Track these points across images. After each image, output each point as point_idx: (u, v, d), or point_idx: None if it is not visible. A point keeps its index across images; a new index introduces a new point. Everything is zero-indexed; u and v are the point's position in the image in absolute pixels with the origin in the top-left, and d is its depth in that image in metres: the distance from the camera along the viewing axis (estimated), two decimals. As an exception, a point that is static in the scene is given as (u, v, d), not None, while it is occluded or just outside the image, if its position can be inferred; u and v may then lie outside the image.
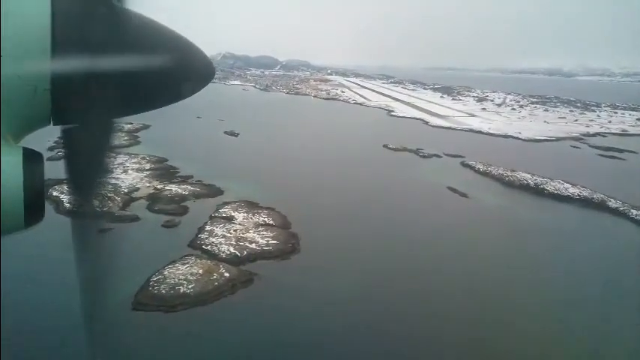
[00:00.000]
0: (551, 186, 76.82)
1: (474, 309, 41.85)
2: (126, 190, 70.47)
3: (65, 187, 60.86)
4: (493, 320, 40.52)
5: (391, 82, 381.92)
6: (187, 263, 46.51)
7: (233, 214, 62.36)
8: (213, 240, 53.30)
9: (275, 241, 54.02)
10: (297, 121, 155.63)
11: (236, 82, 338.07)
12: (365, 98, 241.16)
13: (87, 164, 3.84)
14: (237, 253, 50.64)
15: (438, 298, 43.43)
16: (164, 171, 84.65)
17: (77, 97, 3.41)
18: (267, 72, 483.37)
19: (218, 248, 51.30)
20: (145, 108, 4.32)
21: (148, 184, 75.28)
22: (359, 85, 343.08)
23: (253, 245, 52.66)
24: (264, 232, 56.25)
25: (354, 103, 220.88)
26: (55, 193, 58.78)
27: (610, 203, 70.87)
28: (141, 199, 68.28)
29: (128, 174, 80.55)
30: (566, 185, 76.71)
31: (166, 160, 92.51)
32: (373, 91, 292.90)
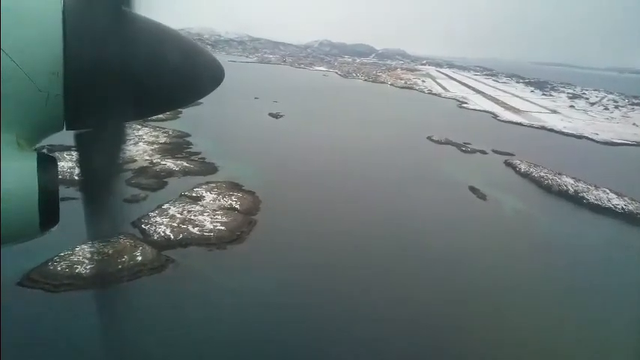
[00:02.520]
0: (593, 195, 63.60)
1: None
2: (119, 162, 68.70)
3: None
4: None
5: (485, 75, 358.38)
6: (107, 241, 42.37)
7: (205, 194, 57.96)
8: (158, 220, 49.08)
9: (223, 227, 48.71)
10: (353, 107, 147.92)
11: (321, 68, 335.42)
12: (444, 89, 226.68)
13: (100, 168, 3.81)
14: (171, 236, 45.99)
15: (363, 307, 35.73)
16: (175, 146, 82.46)
17: (89, 102, 3.37)
18: (358, 60, 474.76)
19: (155, 229, 46.98)
20: (155, 111, 4.36)
21: (147, 158, 73.20)
22: (447, 75, 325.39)
23: (196, 230, 47.69)
24: (220, 217, 51.07)
25: (429, 93, 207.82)
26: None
27: (657, 221, 56.95)
28: (127, 172, 66.02)
29: (137, 146, 79.08)
30: (611, 195, 63.11)
31: (188, 136, 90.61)
32: (459, 82, 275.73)
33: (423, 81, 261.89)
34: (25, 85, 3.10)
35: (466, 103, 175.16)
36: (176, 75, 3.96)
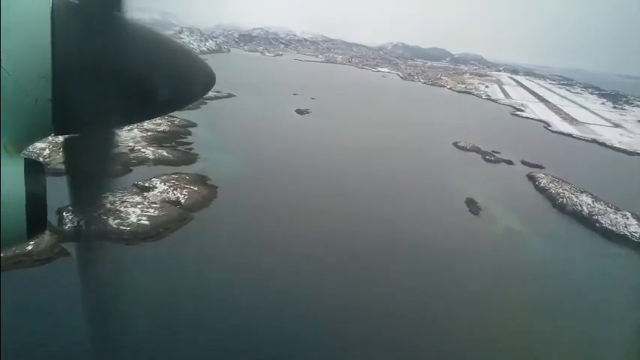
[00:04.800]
0: (609, 218, 53.15)
1: None
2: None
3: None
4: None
5: (560, 84, 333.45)
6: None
7: (159, 185, 54.02)
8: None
9: (147, 222, 44.28)
10: (390, 108, 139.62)
11: (384, 70, 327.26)
12: (506, 95, 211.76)
13: (89, 175, 3.70)
14: (83, 226, 42.00)
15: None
16: (171, 135, 79.81)
17: (78, 107, 3.26)
18: (429, 63, 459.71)
19: (72, 217, 43.26)
20: (146, 116, 4.34)
21: (130, 144, 70.61)
22: (517, 82, 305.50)
23: (115, 222, 43.56)
24: (152, 211, 46.69)
25: (486, 99, 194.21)
26: None
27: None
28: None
29: (129, 132, 76.89)
30: (631, 221, 52.44)
31: (193, 126, 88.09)
32: (526, 89, 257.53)
33: (487, 87, 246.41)
34: (12, 88, 2.97)
35: (522, 110, 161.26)
36: (166, 80, 3.82)
